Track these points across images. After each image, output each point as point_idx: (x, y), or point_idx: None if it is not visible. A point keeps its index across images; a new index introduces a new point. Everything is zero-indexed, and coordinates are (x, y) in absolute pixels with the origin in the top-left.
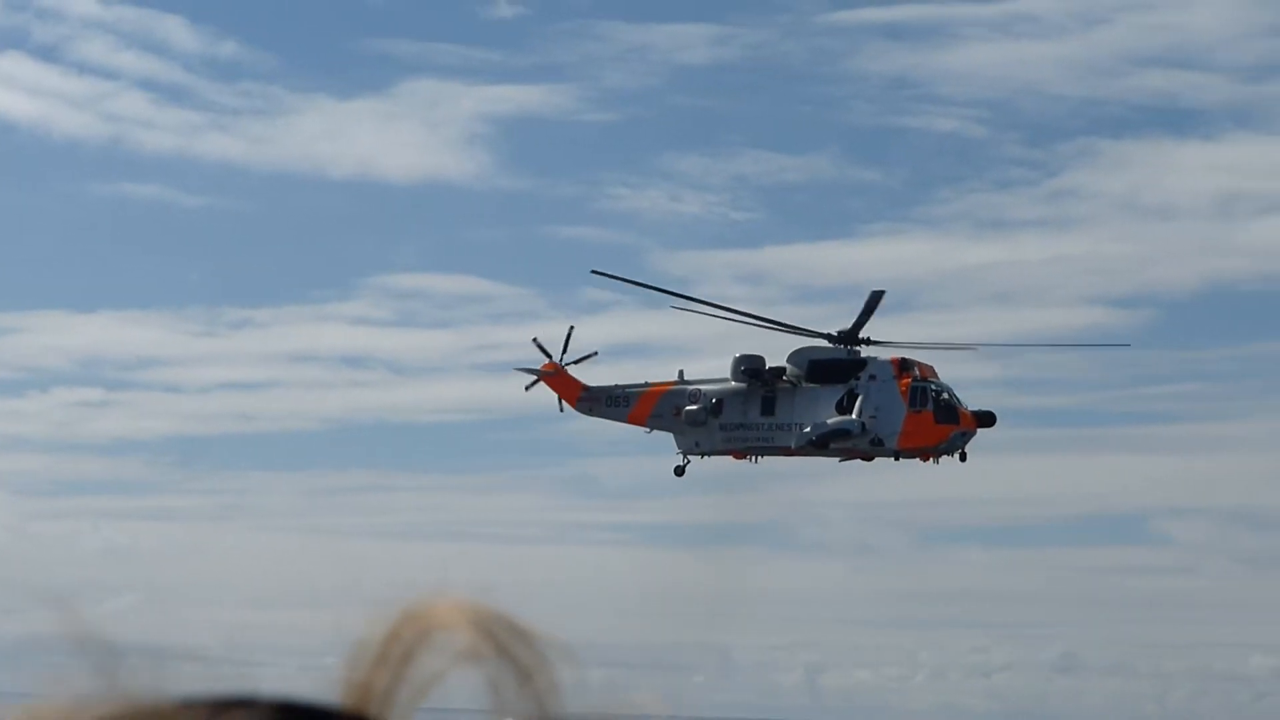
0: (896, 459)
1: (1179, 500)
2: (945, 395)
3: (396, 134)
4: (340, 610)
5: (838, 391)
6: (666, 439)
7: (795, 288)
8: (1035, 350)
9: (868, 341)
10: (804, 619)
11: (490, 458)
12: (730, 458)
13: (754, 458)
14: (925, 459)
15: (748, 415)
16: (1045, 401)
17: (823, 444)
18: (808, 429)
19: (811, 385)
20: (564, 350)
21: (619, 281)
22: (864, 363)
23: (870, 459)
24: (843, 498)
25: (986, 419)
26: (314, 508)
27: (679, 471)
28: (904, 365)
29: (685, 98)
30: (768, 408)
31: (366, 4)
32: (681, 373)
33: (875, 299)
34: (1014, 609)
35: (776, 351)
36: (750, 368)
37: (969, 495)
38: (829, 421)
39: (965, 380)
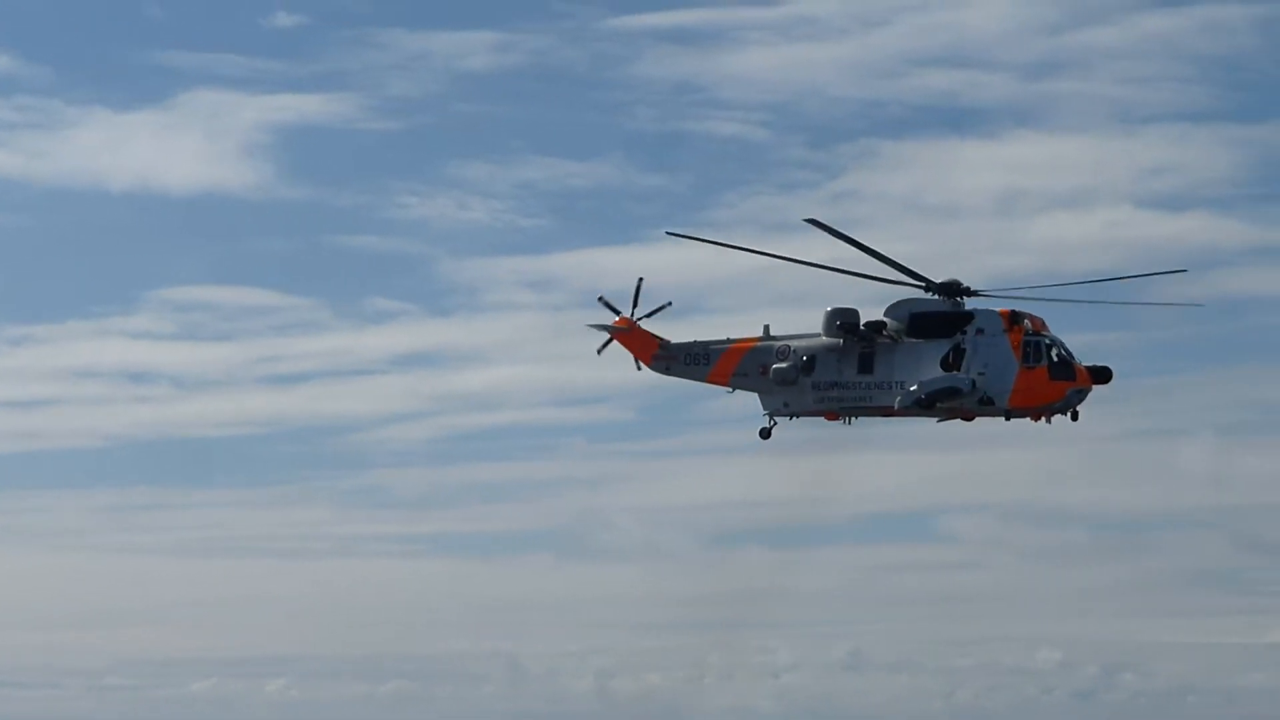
0: (1007, 419)
1: (964, 497)
2: (1059, 350)
3: (176, 145)
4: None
5: (942, 347)
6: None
7: (583, 293)
8: None
9: (970, 292)
10: (594, 624)
11: (277, 471)
12: (823, 419)
13: (848, 419)
14: (1036, 418)
15: (843, 373)
16: None
17: (930, 404)
18: (914, 387)
19: (913, 340)
20: (635, 304)
21: (690, 241)
22: (970, 315)
23: (971, 419)
24: (632, 503)
25: (1103, 375)
26: (99, 526)
27: (765, 434)
28: (1014, 317)
29: (469, 105)
30: (865, 365)
31: (144, 15)
32: (767, 328)
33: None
34: (801, 608)
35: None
36: (846, 322)
37: (755, 496)
38: (937, 379)
39: None
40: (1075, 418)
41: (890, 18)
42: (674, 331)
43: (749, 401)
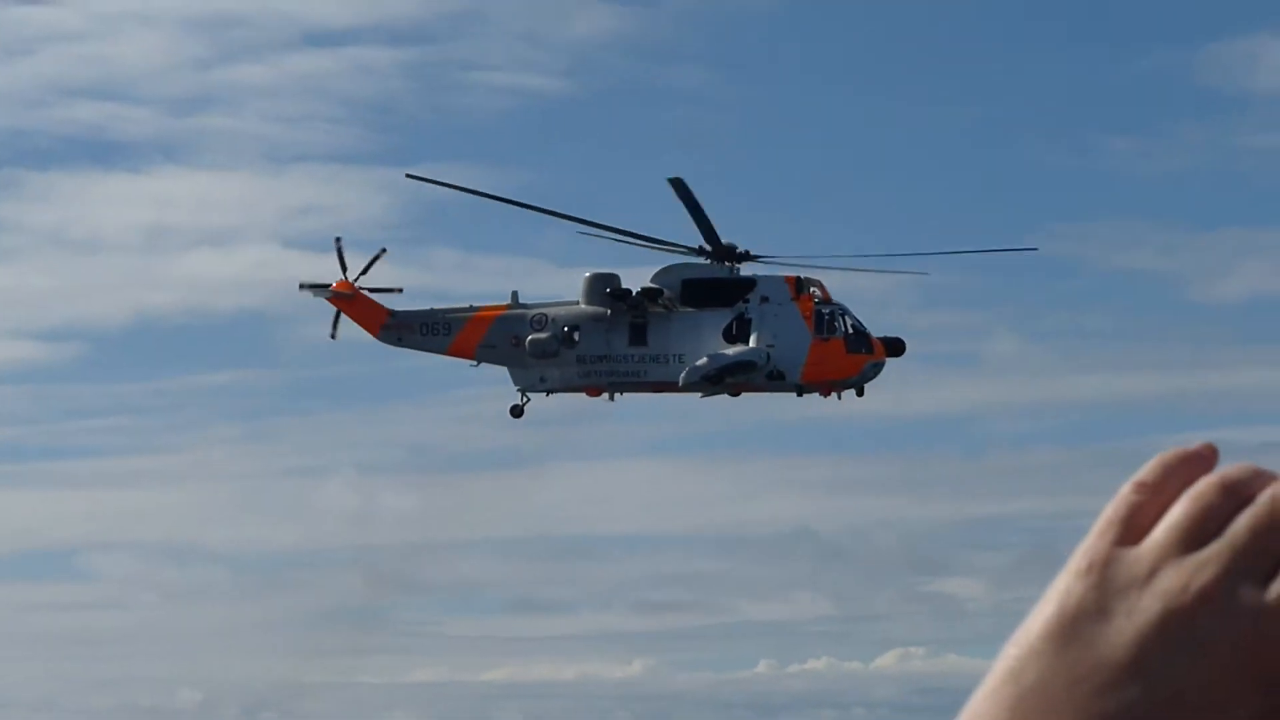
0: (800, 394)
1: (105, 535)
2: (852, 319)
3: None
4: None
5: (723, 316)
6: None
7: None
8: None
9: (747, 256)
10: None
11: None
12: (584, 394)
13: (612, 395)
14: (827, 394)
15: (612, 346)
16: None
17: (719, 379)
18: (701, 361)
19: (688, 310)
20: (343, 266)
21: (438, 186)
22: (752, 282)
23: (737, 394)
24: None
25: (896, 347)
26: None
27: (517, 412)
28: (800, 284)
29: None
30: (638, 337)
31: None
32: (516, 294)
33: (681, 189)
34: None
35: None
36: (616, 289)
37: None
38: (728, 352)
39: None
40: (861, 393)
41: (36, 47)
42: None
43: None
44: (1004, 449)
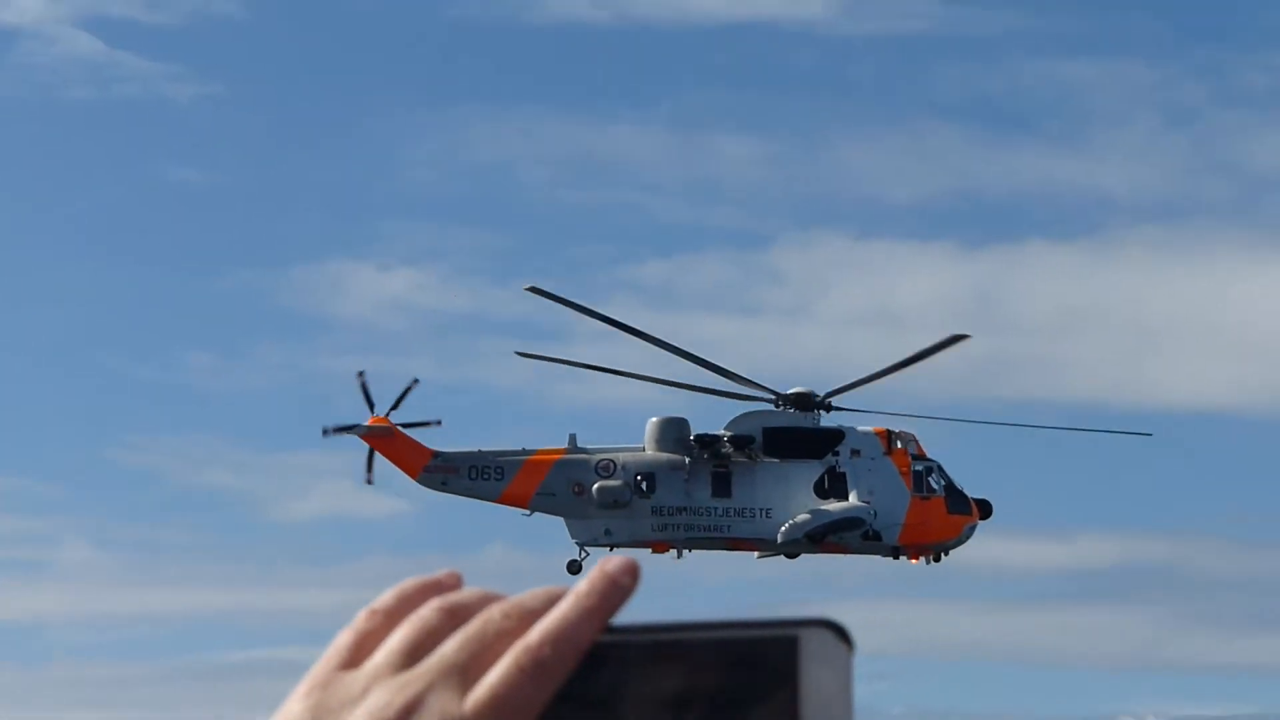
0: (896, 557)
1: None
2: (947, 477)
3: None
4: None
5: (813, 469)
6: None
7: None
8: None
9: (828, 406)
10: None
11: None
12: (649, 550)
13: (680, 551)
14: (916, 558)
15: (693, 497)
16: None
17: (821, 538)
18: (803, 517)
19: (773, 460)
20: (369, 401)
21: (557, 303)
22: (840, 433)
23: (794, 556)
24: None
25: (987, 509)
26: None
27: (575, 568)
28: (890, 438)
29: None
30: (721, 488)
31: None
32: (573, 438)
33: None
34: None
35: None
36: (699, 435)
37: None
38: (830, 508)
39: None
40: (938, 559)
41: None
42: None
43: None
44: (69, 659)
